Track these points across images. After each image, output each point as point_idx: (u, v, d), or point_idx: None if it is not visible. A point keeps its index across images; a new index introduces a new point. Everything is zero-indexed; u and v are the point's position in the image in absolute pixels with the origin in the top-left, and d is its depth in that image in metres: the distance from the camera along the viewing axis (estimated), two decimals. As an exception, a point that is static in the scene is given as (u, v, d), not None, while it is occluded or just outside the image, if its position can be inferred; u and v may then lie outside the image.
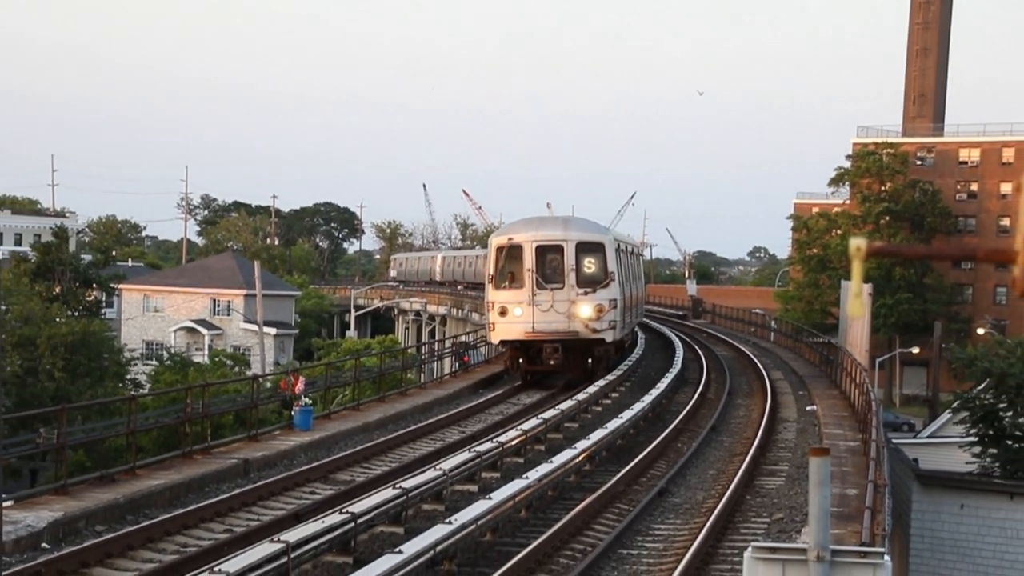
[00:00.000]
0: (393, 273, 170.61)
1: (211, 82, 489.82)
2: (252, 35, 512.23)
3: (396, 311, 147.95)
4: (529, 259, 49.78)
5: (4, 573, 17.77)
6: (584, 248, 50.58)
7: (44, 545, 24.30)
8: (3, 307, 38.04)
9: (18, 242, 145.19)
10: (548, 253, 50.16)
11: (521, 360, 51.72)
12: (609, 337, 51.08)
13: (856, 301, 6.42)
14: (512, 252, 50.37)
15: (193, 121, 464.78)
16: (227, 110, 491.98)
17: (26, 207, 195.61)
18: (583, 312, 49.69)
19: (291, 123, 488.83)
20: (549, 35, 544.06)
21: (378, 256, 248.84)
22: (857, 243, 5.95)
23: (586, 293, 49.85)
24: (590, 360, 51.75)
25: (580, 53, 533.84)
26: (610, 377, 53.28)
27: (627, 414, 40.98)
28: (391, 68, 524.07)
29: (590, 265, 50.42)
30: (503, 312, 49.90)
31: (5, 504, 22.13)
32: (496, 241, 52.11)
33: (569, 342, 50.11)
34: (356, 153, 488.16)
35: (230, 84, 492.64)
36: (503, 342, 52.24)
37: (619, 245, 54.99)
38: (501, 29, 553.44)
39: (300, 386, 41.36)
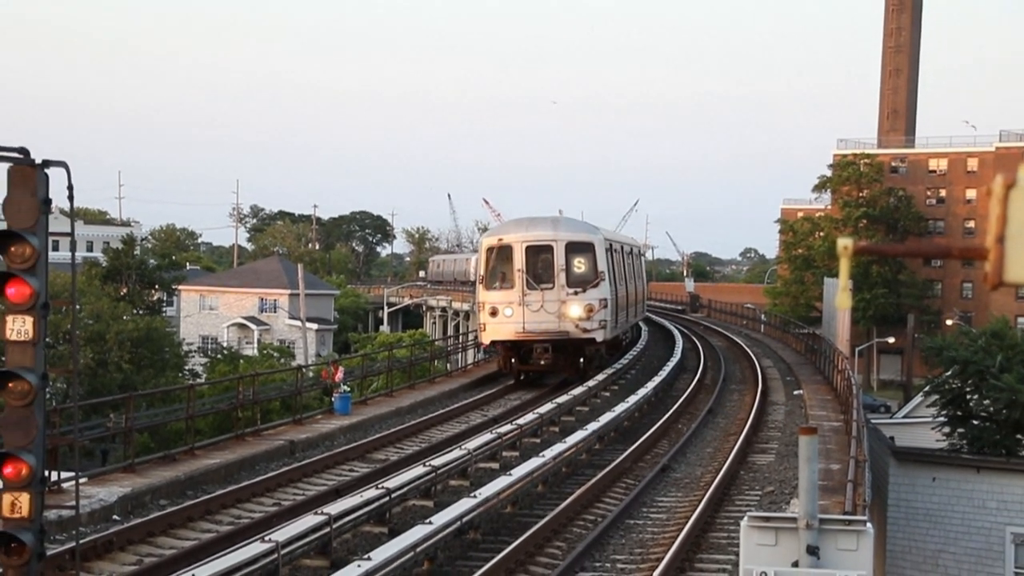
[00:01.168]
0: (422, 273, 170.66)
1: (258, 102, 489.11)
2: (294, 59, 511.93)
3: (424, 308, 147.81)
4: (519, 259, 45.85)
5: (80, 541, 17.87)
6: (574, 248, 46.40)
7: (115, 517, 24.44)
8: (77, 306, 38.02)
9: (90, 248, 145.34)
10: (538, 253, 46.18)
11: (513, 360, 47.83)
12: (599, 337, 46.80)
13: (844, 294, 6.47)
14: (502, 252, 46.36)
15: (242, 138, 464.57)
16: (272, 127, 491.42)
17: (97, 218, 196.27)
18: (573, 312, 45.72)
19: (330, 139, 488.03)
20: (564, 54, 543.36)
21: (408, 259, 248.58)
22: (844, 242, 6.01)
23: (576, 293, 45.83)
24: (582, 360, 47.71)
25: (588, 74, 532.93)
26: (618, 365, 53.26)
27: (632, 399, 41.03)
28: (416, 91, 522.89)
29: (580, 265, 46.27)
30: (494, 312, 45.89)
31: (80, 481, 22.28)
32: (486, 242, 47.99)
33: (559, 342, 46.37)
34: (388, 166, 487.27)
35: (275, 103, 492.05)
36: (494, 342, 47.89)
37: (611, 245, 50.85)
38: (513, 49, 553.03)
39: (339, 375, 41.47)
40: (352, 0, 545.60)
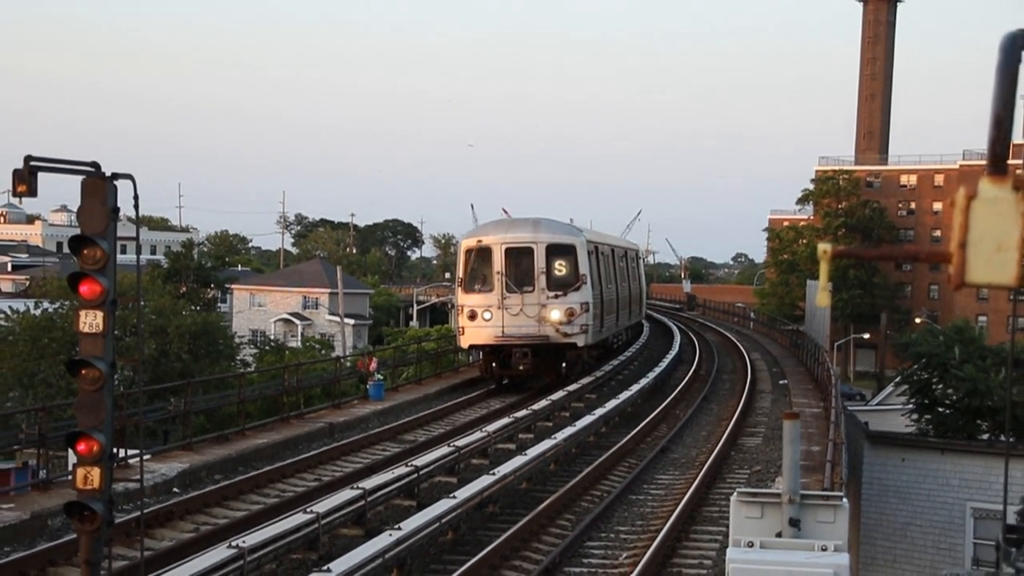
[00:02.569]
0: (448, 275, 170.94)
1: (302, 121, 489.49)
2: (332, 83, 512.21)
3: (450, 306, 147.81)
4: (499, 261, 40.14)
5: (144, 511, 17.93)
6: (555, 250, 40.61)
7: (175, 490, 24.54)
8: (141, 303, 38.05)
9: (153, 252, 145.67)
10: (518, 255, 40.36)
11: (494, 364, 41.91)
12: (581, 341, 40.91)
13: (823, 294, 6.48)
14: (481, 254, 40.55)
15: (288, 154, 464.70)
16: (315, 144, 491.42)
17: (159, 224, 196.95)
18: (553, 316, 40.11)
19: (366, 154, 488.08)
20: (579, 79, 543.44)
21: (435, 262, 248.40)
22: (824, 247, 6.03)
23: (557, 296, 40.16)
24: (564, 365, 41.98)
25: (600, 96, 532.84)
26: (623, 357, 53.12)
27: (635, 387, 40.95)
28: (440, 112, 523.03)
29: (561, 268, 40.53)
30: (472, 316, 40.22)
31: (144, 457, 22.35)
32: (465, 243, 41.79)
33: (539, 347, 40.61)
34: (419, 179, 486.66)
35: (317, 122, 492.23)
36: (473, 347, 42.76)
37: (596, 247, 44.97)
38: (529, 68, 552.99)
39: (373, 365, 41.58)
40: (378, 25, 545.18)
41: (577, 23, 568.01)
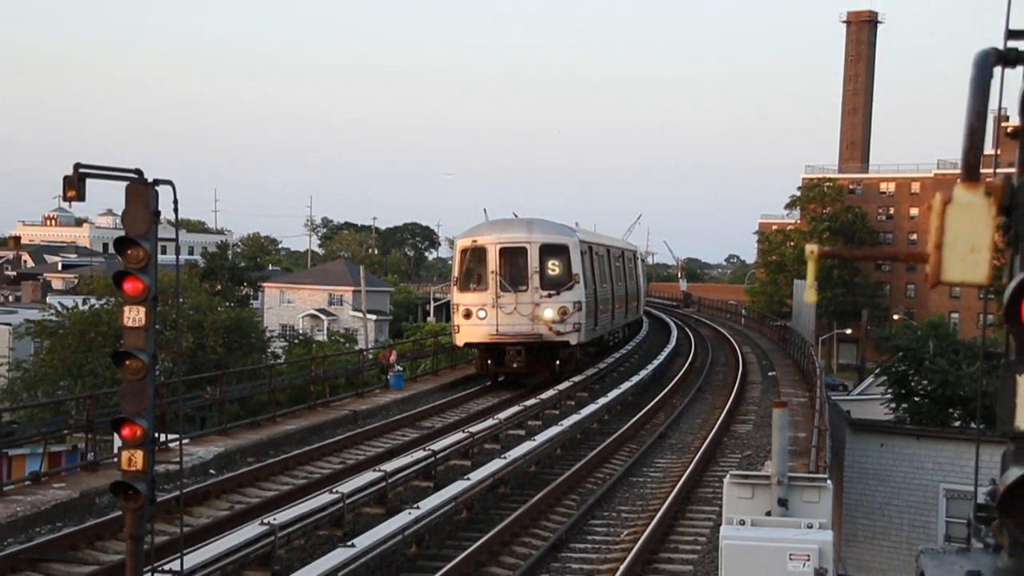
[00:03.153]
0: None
1: (327, 131, 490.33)
2: (353, 98, 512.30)
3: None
4: (493, 261, 38.11)
5: (184, 491, 17.96)
6: (548, 250, 38.53)
7: (211, 471, 24.59)
8: (180, 299, 38.45)
9: (191, 252, 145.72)
10: (512, 255, 38.36)
11: (489, 362, 39.94)
12: (574, 340, 38.75)
13: (811, 291, 6.49)
14: (476, 254, 38.58)
15: (316, 162, 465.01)
16: (339, 152, 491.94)
17: (196, 227, 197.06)
18: (547, 314, 37.99)
19: (386, 163, 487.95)
20: (587, 94, 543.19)
21: (451, 263, 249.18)
22: (811, 247, 6.03)
23: (550, 295, 38.06)
24: (557, 362, 39.69)
25: (605, 109, 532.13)
26: (624, 350, 53.06)
27: (635, 378, 40.93)
28: (456, 126, 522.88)
29: (554, 267, 38.52)
30: (467, 314, 38.23)
31: (183, 441, 22.38)
32: (461, 243, 39.94)
33: (533, 344, 38.48)
34: (435, 185, 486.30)
35: (341, 132, 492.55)
36: (468, 344, 40.31)
37: (590, 247, 42.92)
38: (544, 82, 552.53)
39: (393, 357, 41.59)
40: (395, 49, 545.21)
41: (587, 53, 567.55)
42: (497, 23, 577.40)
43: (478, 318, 38.17)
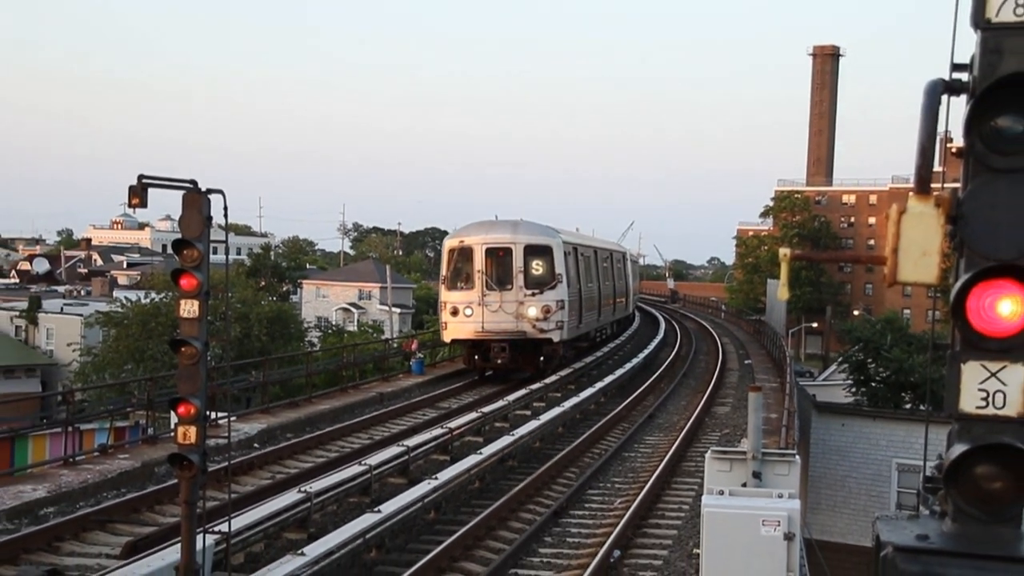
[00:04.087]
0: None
1: (359, 145, 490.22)
2: (379, 115, 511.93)
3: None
4: (479, 261, 35.72)
5: (231, 462, 17.99)
6: (532, 251, 36.12)
7: (255, 445, 24.63)
8: (229, 294, 38.55)
9: (238, 253, 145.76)
10: (497, 255, 35.99)
11: (476, 357, 37.24)
12: (556, 337, 36.20)
13: (783, 289, 6.50)
14: (463, 254, 36.19)
15: (348, 172, 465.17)
16: (369, 165, 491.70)
17: (243, 230, 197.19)
18: (530, 312, 35.57)
19: (412, 174, 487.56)
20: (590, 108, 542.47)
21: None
22: (784, 251, 6.07)
23: (534, 294, 35.64)
24: (541, 358, 37.05)
25: (606, 128, 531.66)
26: (616, 341, 53.05)
27: (628, 365, 40.97)
28: (473, 138, 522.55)
29: (538, 267, 36.06)
30: (455, 312, 35.81)
31: (231, 419, 22.41)
32: (448, 243, 37.39)
33: (517, 341, 35.95)
34: (454, 193, 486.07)
35: (371, 146, 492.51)
36: (455, 341, 38.17)
37: (576, 249, 40.19)
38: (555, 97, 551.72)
39: (415, 346, 41.62)
40: (414, 70, 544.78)
41: (577, 72, 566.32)
42: (516, 44, 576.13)
43: (465, 315, 35.82)
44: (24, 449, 39.29)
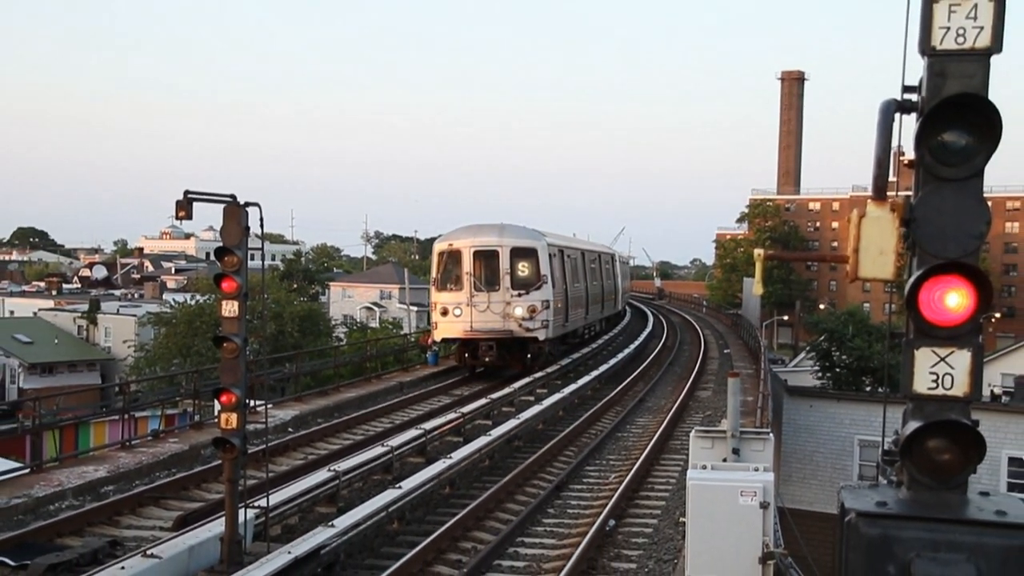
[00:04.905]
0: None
1: (380, 159, 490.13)
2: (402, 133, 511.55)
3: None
4: (468, 263, 33.77)
5: (268, 444, 18.01)
6: (518, 253, 34.19)
7: (289, 429, 24.63)
8: (265, 295, 38.31)
9: (272, 259, 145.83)
10: (485, 258, 34.05)
11: (467, 355, 35.13)
12: (542, 336, 34.24)
13: (758, 285, 6.57)
14: (452, 257, 34.24)
15: (371, 183, 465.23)
16: (390, 179, 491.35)
17: (277, 239, 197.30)
18: (517, 312, 33.70)
19: (430, 186, 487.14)
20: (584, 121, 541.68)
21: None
22: (759, 251, 6.16)
23: (520, 295, 33.75)
24: (528, 356, 34.97)
25: (605, 143, 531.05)
26: (612, 333, 52.93)
27: (620, 355, 40.92)
28: (487, 152, 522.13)
29: (524, 269, 34.06)
30: (444, 312, 33.94)
31: (268, 406, 22.41)
32: (438, 247, 35.26)
33: (504, 340, 34.13)
34: (467, 202, 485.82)
35: (395, 157, 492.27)
36: (445, 340, 35.85)
37: (561, 251, 37.88)
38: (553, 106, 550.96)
39: (431, 340, 41.57)
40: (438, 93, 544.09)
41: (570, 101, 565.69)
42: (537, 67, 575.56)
43: (454, 316, 33.91)
44: (87, 434, 39.43)
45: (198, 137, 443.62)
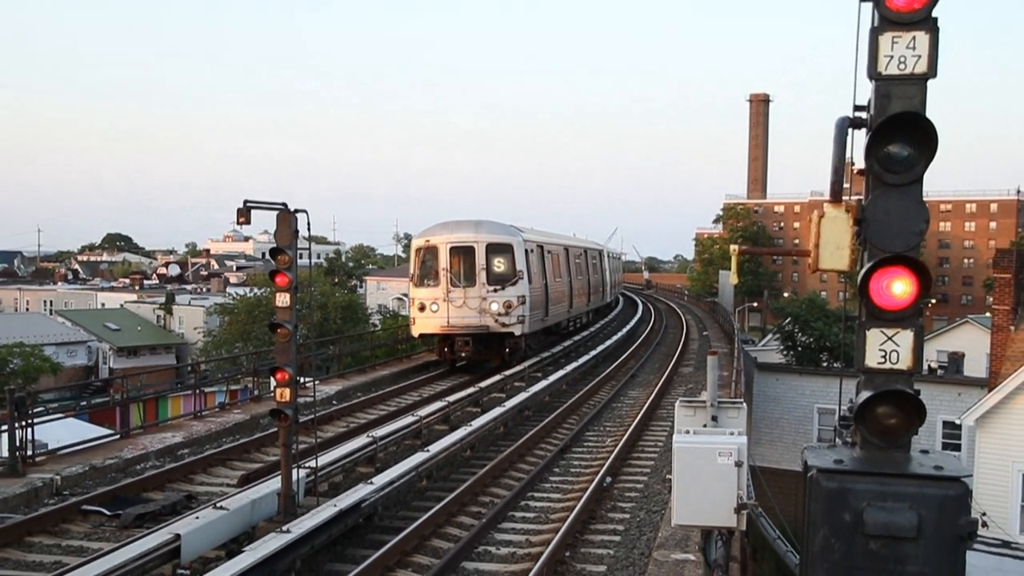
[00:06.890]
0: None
1: (408, 169, 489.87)
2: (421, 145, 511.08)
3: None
4: (444, 259, 29.58)
5: (317, 415, 18.04)
6: (494, 249, 29.85)
7: (334, 402, 24.65)
8: (312, 287, 38.31)
9: (317, 257, 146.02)
10: (461, 254, 29.76)
11: (446, 350, 30.90)
12: (518, 331, 29.96)
13: (734, 276, 6.64)
14: (429, 253, 29.94)
15: (403, 191, 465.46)
16: (419, 186, 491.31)
17: (321, 240, 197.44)
18: (493, 307, 29.48)
19: (446, 194, 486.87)
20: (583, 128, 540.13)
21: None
22: (734, 247, 6.19)
23: (496, 290, 29.58)
24: (507, 350, 30.67)
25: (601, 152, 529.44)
26: (607, 319, 52.81)
27: (613, 337, 40.82)
28: (496, 160, 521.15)
29: (499, 264, 29.83)
30: (422, 308, 29.80)
31: (315, 382, 22.50)
32: (416, 243, 30.81)
33: (481, 335, 30.02)
34: (479, 204, 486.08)
35: (421, 165, 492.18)
36: (422, 335, 31.31)
37: (540, 246, 33.56)
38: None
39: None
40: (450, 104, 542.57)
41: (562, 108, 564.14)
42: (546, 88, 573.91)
43: (431, 311, 29.80)
44: (165, 407, 39.61)
45: (260, 152, 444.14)
